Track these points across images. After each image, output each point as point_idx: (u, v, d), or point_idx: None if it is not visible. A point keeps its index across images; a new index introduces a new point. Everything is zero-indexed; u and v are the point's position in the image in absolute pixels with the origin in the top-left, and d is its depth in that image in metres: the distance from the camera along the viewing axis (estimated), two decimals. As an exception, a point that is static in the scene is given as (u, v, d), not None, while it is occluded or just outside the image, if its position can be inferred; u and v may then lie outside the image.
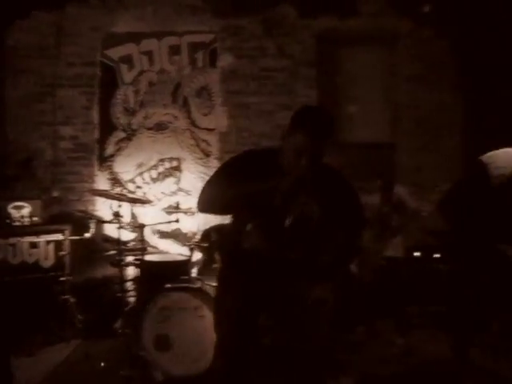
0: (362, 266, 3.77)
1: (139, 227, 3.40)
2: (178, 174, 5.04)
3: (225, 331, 1.99)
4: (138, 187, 5.04)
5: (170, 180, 5.06)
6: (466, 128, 4.81)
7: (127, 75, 5.08)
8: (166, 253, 4.26)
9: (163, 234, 4.89)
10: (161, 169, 5.04)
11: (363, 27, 5.08)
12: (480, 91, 4.69)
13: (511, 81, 4.09)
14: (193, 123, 5.06)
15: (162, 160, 5.04)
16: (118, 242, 3.35)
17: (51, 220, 4.50)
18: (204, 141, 5.03)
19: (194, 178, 5.00)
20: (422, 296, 4.06)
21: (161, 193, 5.01)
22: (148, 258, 3.75)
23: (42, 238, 4.07)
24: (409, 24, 5.05)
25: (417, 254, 4.51)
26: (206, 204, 1.98)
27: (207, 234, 3.19)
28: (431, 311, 3.91)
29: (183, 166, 5.04)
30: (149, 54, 5.09)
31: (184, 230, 4.81)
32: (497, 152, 2.46)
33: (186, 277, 3.38)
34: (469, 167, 2.53)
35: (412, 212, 3.39)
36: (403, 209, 3.50)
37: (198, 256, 3.54)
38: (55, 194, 4.85)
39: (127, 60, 5.08)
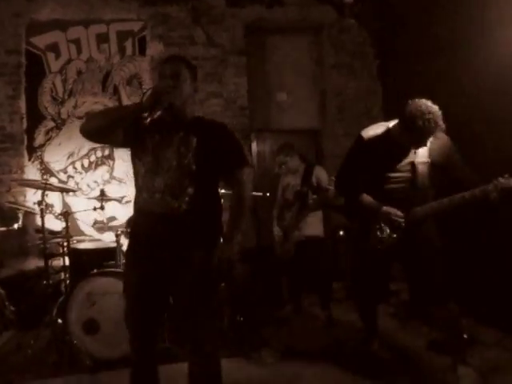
0: (283, 243, 4.00)
1: (63, 215, 3.42)
2: (110, 162, 5.06)
3: (129, 304, 2.14)
4: (70, 177, 5.03)
5: (103, 169, 5.07)
6: (385, 115, 5.12)
7: (54, 64, 5.02)
8: (98, 240, 4.30)
9: (98, 224, 4.91)
10: (93, 158, 5.04)
11: (289, 17, 5.28)
12: (397, 79, 5.00)
13: (427, 68, 4.39)
14: (124, 112, 5.07)
15: (93, 149, 5.03)
16: (43, 232, 3.36)
17: (-22, 212, 4.42)
18: (136, 129, 5.06)
19: (127, 166, 5.03)
20: (341, 271, 4.36)
21: (93, 182, 5.02)
22: (77, 246, 3.79)
23: (-31, 231, 4.00)
24: (332, 15, 5.28)
25: (341, 232, 4.83)
26: (89, 124, 2.18)
27: (130, 221, 3.27)
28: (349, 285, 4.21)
29: (116, 154, 5.06)
30: (76, 42, 5.04)
31: (119, 218, 4.86)
32: (372, 126, 2.77)
33: (113, 262, 3.46)
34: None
35: (324, 190, 3.64)
36: (319, 189, 3.74)
37: (126, 243, 3.61)
38: (-18, 186, 4.74)
39: (54, 48, 5.01)
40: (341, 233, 4.80)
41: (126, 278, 2.23)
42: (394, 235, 2.64)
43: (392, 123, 2.67)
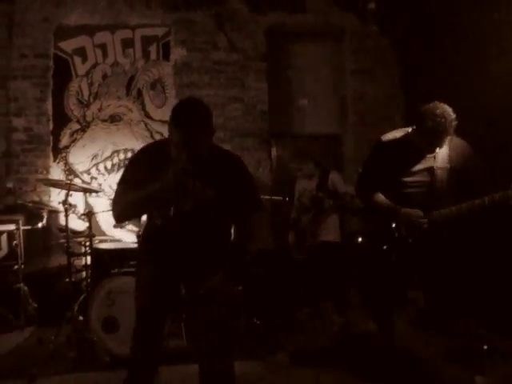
0: (299, 247, 4.02)
1: (86, 215, 3.51)
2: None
3: (140, 305, 2.15)
4: (93, 178, 5.15)
5: (125, 171, 5.15)
6: (406, 121, 5.08)
7: (81, 67, 5.16)
8: (119, 241, 4.38)
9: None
10: (115, 160, 5.15)
11: (311, 23, 5.31)
12: (420, 86, 4.97)
13: (450, 76, 4.36)
14: (147, 115, 5.19)
15: (116, 151, 5.15)
16: (67, 231, 3.45)
17: (5, 211, 4.56)
18: (158, 132, 5.17)
19: (148, 169, 5.11)
20: (356, 277, 4.33)
21: (116, 183, 5.10)
22: (99, 245, 3.88)
23: (-4, 229, 4.13)
24: (354, 21, 5.29)
25: (360, 239, 4.80)
26: (121, 217, 2.16)
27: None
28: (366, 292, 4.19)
29: (138, 157, 5.14)
30: (102, 47, 5.18)
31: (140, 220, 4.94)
32: (392, 131, 2.77)
33: (134, 262, 3.53)
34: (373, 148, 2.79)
35: (341, 196, 3.65)
36: (335, 194, 3.76)
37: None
38: (9, 185, 4.88)
39: (81, 52, 5.16)
40: (359, 239, 4.77)
41: (139, 277, 2.22)
42: (410, 240, 2.64)
43: (411, 128, 2.68)
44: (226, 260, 2.13)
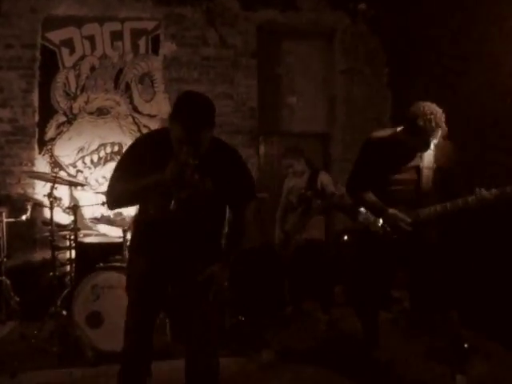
0: (285, 245, 4.03)
1: (71, 208, 3.47)
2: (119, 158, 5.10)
3: (133, 296, 2.14)
4: (79, 171, 5.08)
5: (112, 164, 5.10)
6: (394, 122, 5.13)
7: (68, 59, 5.08)
8: (104, 235, 4.35)
9: (105, 219, 4.96)
10: (102, 153, 5.10)
11: (302, 21, 5.31)
12: (408, 87, 5.02)
13: (438, 77, 4.41)
14: (135, 109, 5.14)
15: (103, 145, 5.09)
16: (52, 224, 3.41)
17: (-12, 203, 4.48)
18: (146, 126, 5.12)
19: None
20: (343, 275, 4.38)
21: (102, 177, 5.07)
22: (84, 239, 3.85)
23: (-22, 221, 4.06)
24: (345, 20, 5.31)
25: (345, 237, 4.84)
26: (115, 203, 2.13)
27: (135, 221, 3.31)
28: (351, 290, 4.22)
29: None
30: (91, 39, 5.10)
31: (126, 214, 4.90)
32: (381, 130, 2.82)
33: (119, 257, 3.51)
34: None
35: (330, 195, 3.67)
36: (324, 193, 3.78)
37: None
38: (-7, 176, 4.81)
39: (68, 44, 5.07)
40: (345, 238, 4.81)
41: (132, 268, 2.22)
42: (395, 236, 2.67)
43: (400, 127, 2.71)
44: (221, 250, 2.17)
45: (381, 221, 2.74)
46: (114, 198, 2.07)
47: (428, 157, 2.64)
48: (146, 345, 2.15)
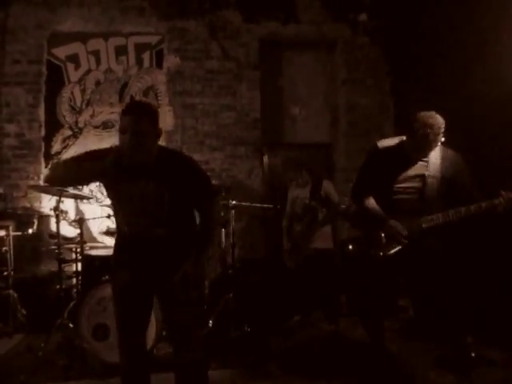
0: (292, 255, 4.04)
1: (78, 221, 3.51)
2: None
3: (118, 307, 2.25)
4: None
5: (117, 177, 5.15)
6: (396, 131, 5.16)
7: (74, 74, 5.16)
8: (110, 247, 4.35)
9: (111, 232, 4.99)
10: (107, 166, 5.13)
11: (304, 33, 5.37)
12: (410, 97, 5.05)
13: (440, 86, 4.44)
14: (139, 122, 5.18)
15: (108, 158, 5.13)
16: (58, 237, 3.44)
17: (-5, 216, 4.52)
18: (150, 139, 5.15)
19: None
20: (348, 285, 4.37)
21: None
22: (90, 252, 3.87)
23: (-15, 235, 4.09)
24: (346, 32, 5.37)
25: (350, 246, 4.84)
26: (57, 179, 2.28)
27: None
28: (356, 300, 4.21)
29: (130, 163, 5.14)
30: (96, 54, 5.19)
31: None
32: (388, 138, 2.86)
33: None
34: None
35: (335, 205, 3.69)
36: (328, 202, 3.80)
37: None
38: (0, 190, 4.85)
39: (74, 59, 5.16)
40: (350, 247, 4.81)
41: (114, 284, 2.32)
42: (399, 246, 2.68)
43: (406, 137, 2.74)
44: (194, 247, 2.25)
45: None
46: (57, 174, 2.24)
47: (434, 166, 2.67)
48: (139, 355, 2.24)
